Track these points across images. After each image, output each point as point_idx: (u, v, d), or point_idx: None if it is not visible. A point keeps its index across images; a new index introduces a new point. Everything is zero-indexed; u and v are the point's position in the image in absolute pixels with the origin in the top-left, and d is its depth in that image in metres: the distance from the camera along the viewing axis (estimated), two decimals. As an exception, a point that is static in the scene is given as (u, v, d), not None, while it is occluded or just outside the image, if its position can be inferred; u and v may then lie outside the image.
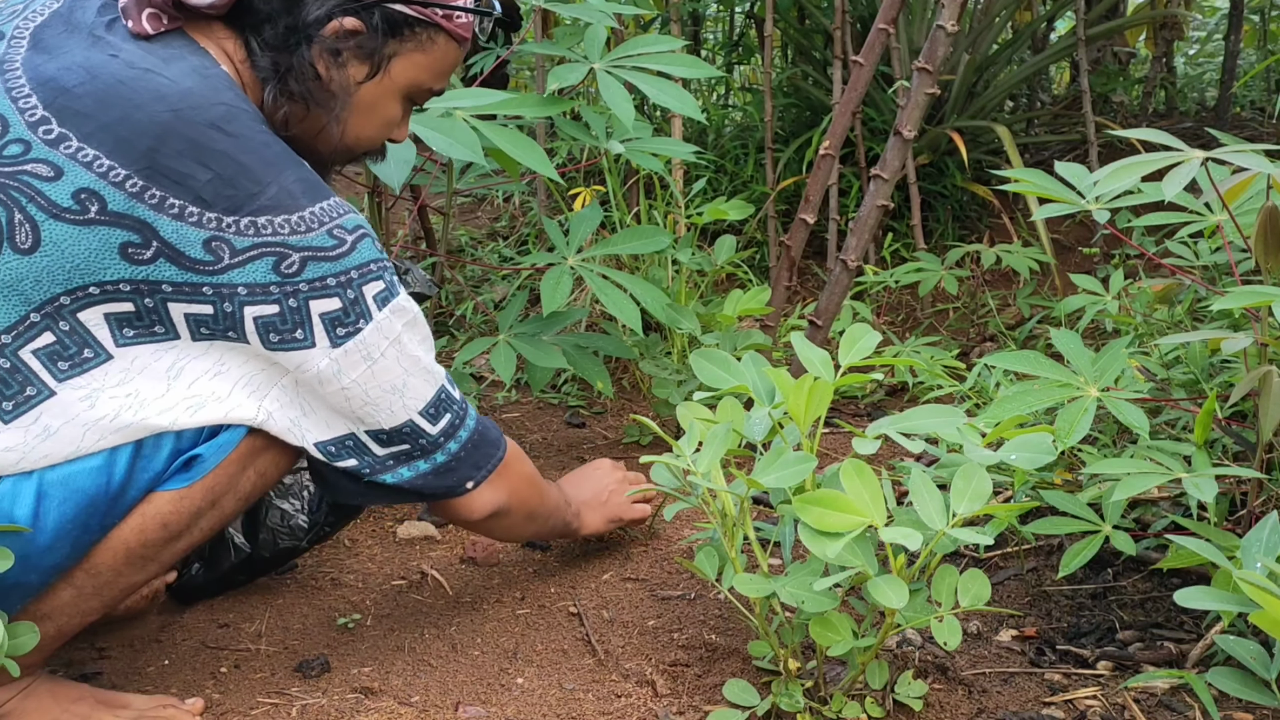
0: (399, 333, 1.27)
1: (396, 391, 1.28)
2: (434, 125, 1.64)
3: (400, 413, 1.29)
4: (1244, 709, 1.28)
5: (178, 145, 1.15)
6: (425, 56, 1.34)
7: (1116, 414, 1.39)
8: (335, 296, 1.21)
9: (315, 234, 1.20)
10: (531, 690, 1.40)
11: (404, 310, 1.27)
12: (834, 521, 1.15)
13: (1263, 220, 1.34)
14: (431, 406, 1.32)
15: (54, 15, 1.25)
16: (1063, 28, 4.22)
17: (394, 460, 1.32)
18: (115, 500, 1.20)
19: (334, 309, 1.21)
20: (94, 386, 1.17)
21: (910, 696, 1.32)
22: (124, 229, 1.14)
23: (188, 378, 1.21)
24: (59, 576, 1.21)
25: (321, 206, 1.21)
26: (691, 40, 3.68)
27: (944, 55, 2.07)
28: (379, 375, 1.26)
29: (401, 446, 1.31)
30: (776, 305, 2.38)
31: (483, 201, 3.69)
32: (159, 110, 1.16)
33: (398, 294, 1.27)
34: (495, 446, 1.41)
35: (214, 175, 1.16)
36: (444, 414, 1.34)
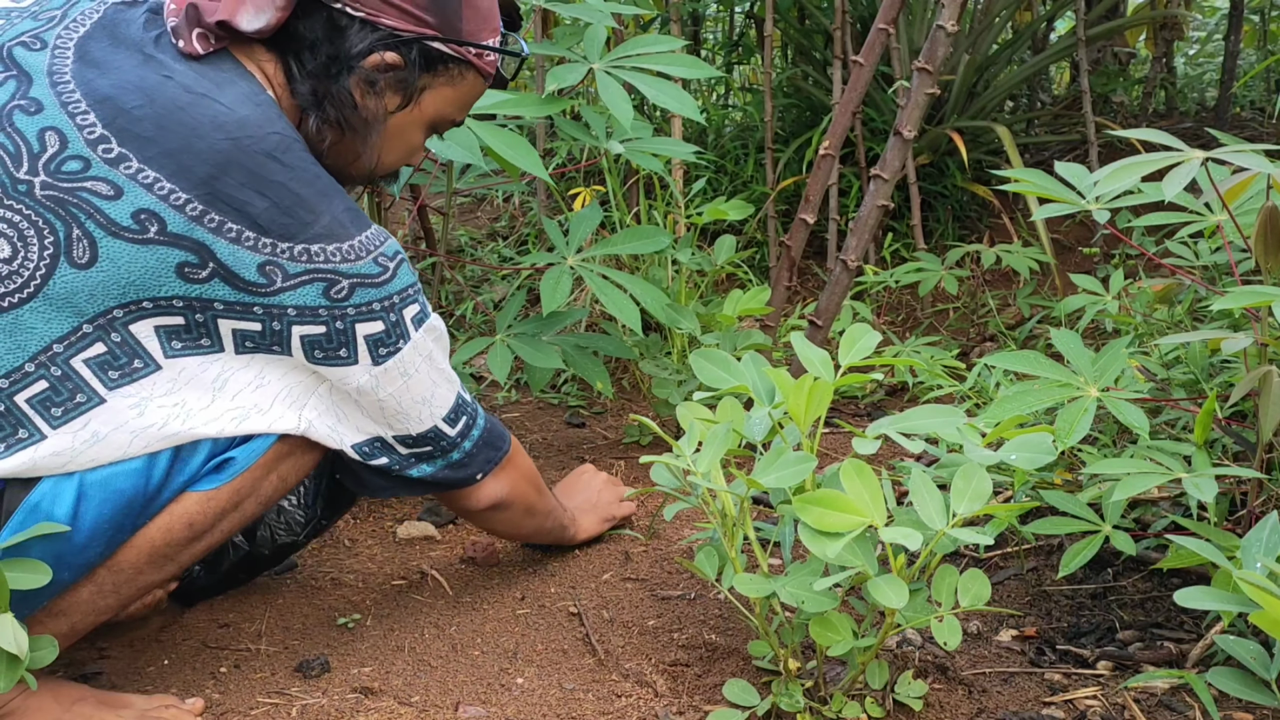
0: (431, 350, 1.36)
1: (426, 402, 1.37)
2: (433, 126, 1.64)
3: (427, 419, 1.38)
4: (1244, 709, 1.28)
5: (237, 175, 1.19)
6: (454, 91, 1.39)
7: (1116, 414, 1.39)
8: (379, 320, 1.29)
9: (363, 262, 1.26)
10: (531, 690, 1.40)
11: (435, 329, 1.36)
12: (834, 521, 1.15)
13: (1263, 220, 1.34)
14: (452, 412, 1.41)
15: (97, 26, 1.25)
16: (1063, 28, 4.22)
17: (416, 458, 1.41)
18: (150, 501, 1.24)
19: (378, 331, 1.29)
20: (143, 395, 1.21)
21: (910, 696, 1.32)
22: (182, 249, 1.18)
23: (232, 389, 1.26)
24: (88, 573, 1.24)
25: (367, 235, 1.28)
26: (691, 40, 3.68)
27: (944, 55, 2.07)
28: (412, 389, 1.35)
29: (424, 448, 1.41)
30: (776, 305, 2.38)
31: (483, 201, 3.69)
32: (218, 139, 1.19)
33: (430, 314, 1.35)
34: (502, 440, 1.50)
35: (271, 204, 1.20)
36: (461, 417, 1.43)
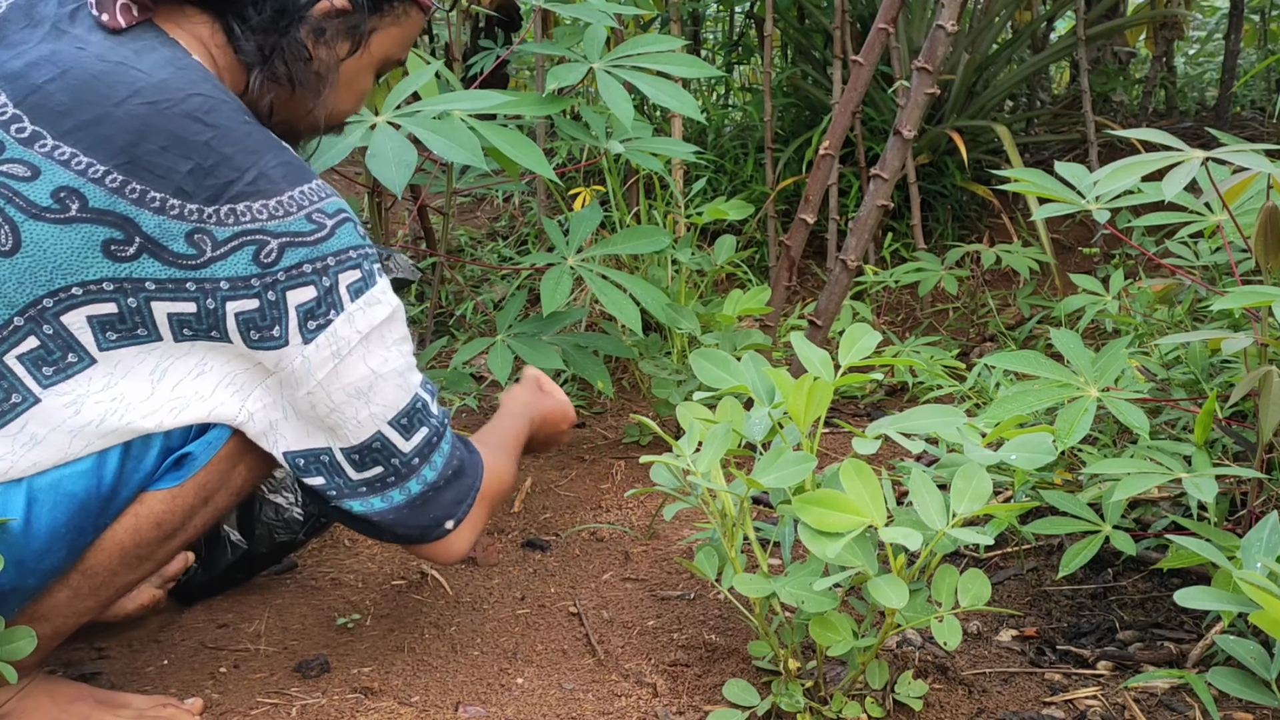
0: (371, 328, 1.21)
1: (362, 396, 1.21)
2: (433, 127, 1.64)
3: (367, 422, 1.22)
4: (1244, 709, 1.28)
5: (158, 140, 1.13)
6: (400, 30, 1.36)
7: (1116, 414, 1.39)
8: (311, 285, 1.17)
9: (294, 218, 1.16)
10: (531, 690, 1.39)
11: (380, 303, 1.21)
12: (834, 521, 1.14)
13: (1263, 220, 1.34)
14: (404, 417, 1.24)
15: (12, 8, 1.22)
16: (1063, 27, 4.22)
17: (366, 487, 1.25)
18: (107, 502, 1.19)
19: (309, 299, 1.17)
20: (79, 392, 1.15)
21: (910, 696, 1.32)
22: (106, 225, 1.12)
23: (171, 379, 1.19)
24: (57, 578, 1.21)
25: (302, 190, 1.18)
26: (691, 40, 3.68)
27: (944, 55, 2.07)
28: (343, 374, 1.20)
29: (375, 470, 1.25)
30: (776, 305, 2.38)
31: (482, 201, 3.69)
32: (136, 105, 1.14)
33: (375, 284, 1.21)
34: (475, 473, 1.34)
35: (194, 165, 1.14)
36: (418, 427, 1.26)
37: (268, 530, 1.59)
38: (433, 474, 1.28)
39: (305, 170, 1.21)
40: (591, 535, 1.85)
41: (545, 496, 2.01)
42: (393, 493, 1.26)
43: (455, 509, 1.31)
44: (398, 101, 1.69)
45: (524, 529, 1.88)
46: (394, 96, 1.69)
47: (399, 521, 1.27)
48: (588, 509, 1.96)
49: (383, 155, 1.58)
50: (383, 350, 1.22)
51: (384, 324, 1.21)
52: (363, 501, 1.25)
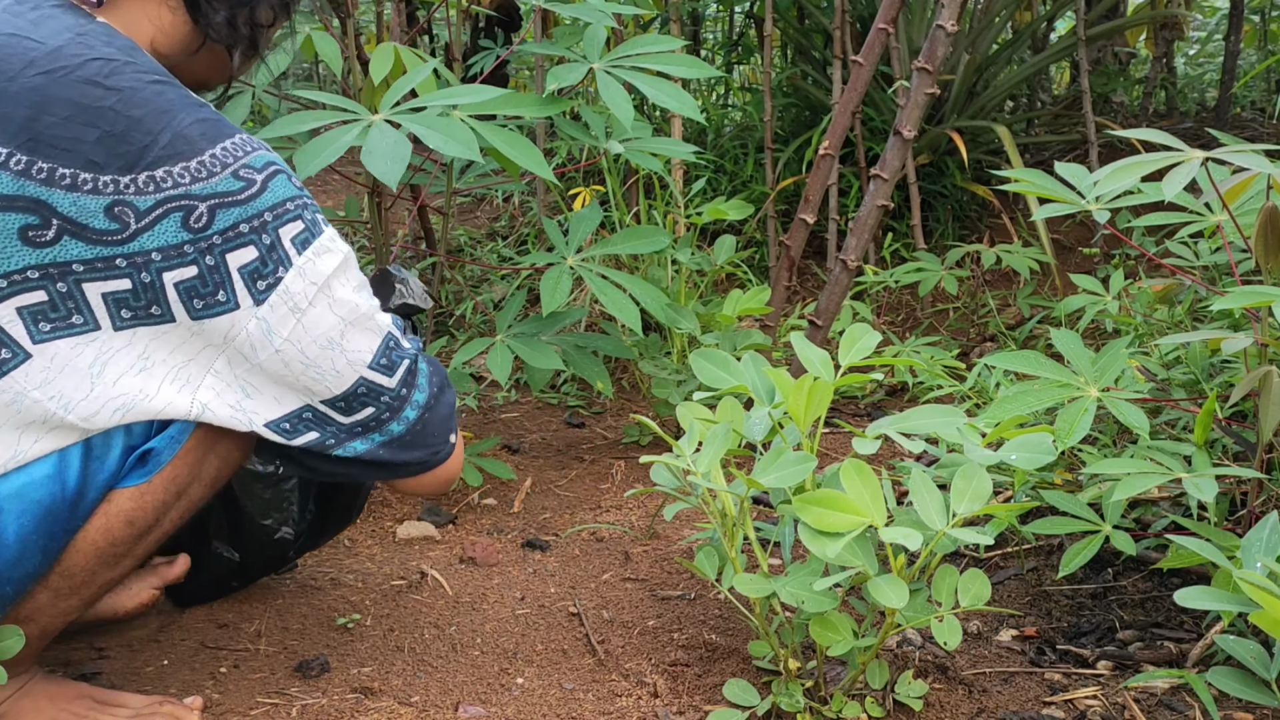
0: (327, 276, 1.16)
1: (334, 345, 1.17)
2: (429, 123, 1.64)
3: (347, 371, 1.19)
4: (1244, 709, 1.28)
5: (59, 110, 1.07)
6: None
7: (1116, 414, 1.39)
8: (251, 244, 1.11)
9: (220, 178, 1.11)
10: (531, 690, 1.39)
11: (330, 251, 1.16)
12: (834, 521, 1.14)
13: (1263, 220, 1.34)
14: (382, 356, 1.21)
15: None
16: (1063, 28, 4.22)
17: (361, 428, 1.22)
18: (74, 505, 1.16)
19: (251, 260, 1.12)
20: (16, 390, 1.10)
21: (910, 696, 1.32)
22: (18, 211, 1.07)
23: (111, 374, 1.13)
24: (35, 583, 1.18)
25: (223, 147, 1.12)
26: (691, 40, 3.68)
27: (944, 55, 2.07)
28: (310, 328, 1.15)
29: (366, 411, 1.21)
30: (776, 305, 2.38)
31: (482, 201, 3.69)
32: (31, 76, 1.08)
33: (321, 233, 1.16)
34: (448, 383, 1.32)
35: (102, 133, 1.07)
36: (398, 362, 1.23)
37: (259, 547, 1.57)
38: (423, 395, 1.25)
39: (225, 125, 1.14)
40: (591, 535, 1.85)
41: (545, 496, 2.01)
42: (390, 426, 1.23)
43: (450, 421, 1.30)
44: (395, 99, 1.68)
45: (524, 529, 1.88)
46: (391, 94, 1.69)
47: (405, 449, 1.25)
48: (588, 509, 1.96)
49: (378, 151, 1.58)
50: (345, 295, 1.17)
51: (339, 271, 1.17)
52: (364, 440, 1.23)
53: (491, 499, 2.00)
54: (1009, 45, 3.30)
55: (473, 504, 1.99)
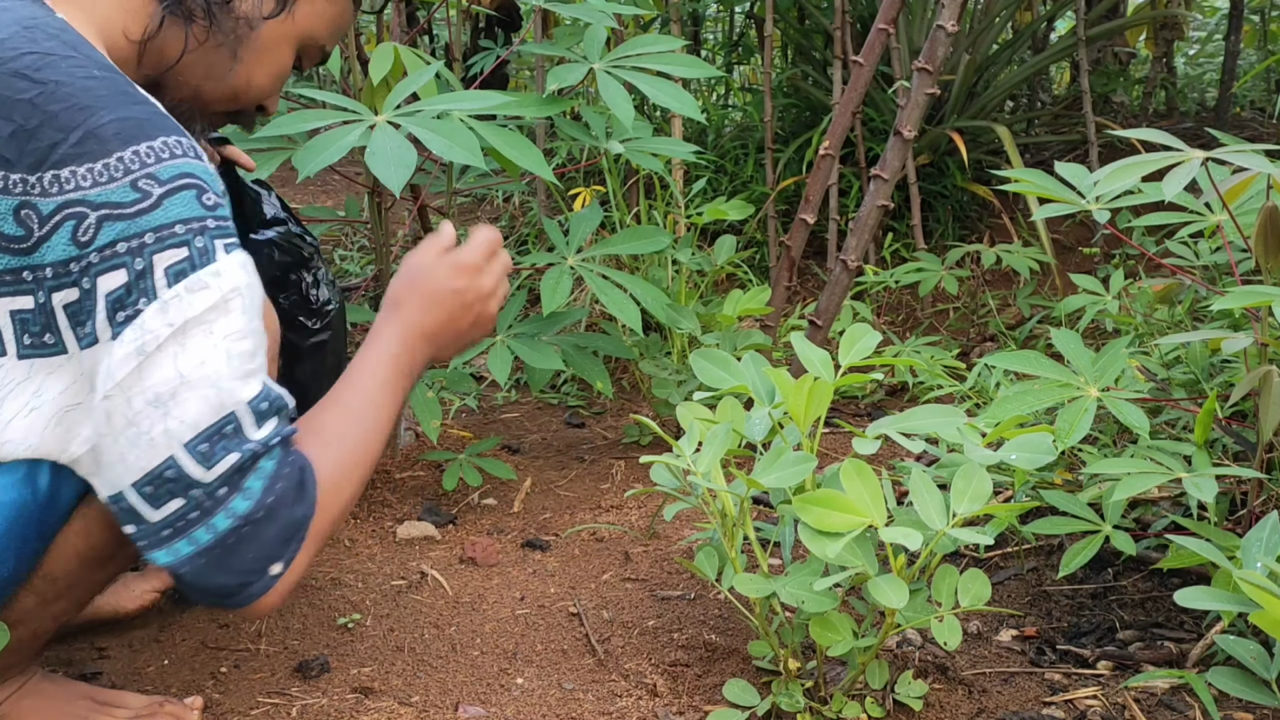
0: (189, 319, 0.99)
1: (161, 405, 0.98)
2: (432, 127, 1.64)
3: (161, 442, 0.98)
4: (1244, 709, 1.28)
5: None
6: (330, 6, 1.26)
7: (1116, 414, 1.39)
8: (122, 268, 0.97)
9: (117, 185, 0.97)
10: (531, 690, 1.39)
11: (206, 288, 0.99)
12: (834, 521, 1.14)
13: (1263, 220, 1.34)
14: (204, 440, 0.99)
15: None
16: (1063, 28, 4.22)
17: (169, 529, 1.00)
18: (46, 508, 1.08)
19: (118, 286, 0.97)
20: None
21: (910, 696, 1.32)
22: None
23: (6, 412, 1.01)
24: (18, 586, 1.13)
25: (135, 151, 0.99)
26: (691, 40, 3.68)
27: (944, 55, 2.07)
28: (147, 375, 0.98)
29: (172, 505, 0.99)
30: (776, 305, 2.38)
31: (483, 201, 3.69)
32: None
33: (207, 265, 0.99)
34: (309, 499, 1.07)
35: (17, 128, 0.98)
36: (223, 454, 1.00)
37: None
38: (246, 504, 1.01)
39: (152, 127, 1.01)
40: (591, 535, 1.85)
41: (545, 496, 2.01)
42: (197, 533, 1.00)
43: (280, 549, 1.04)
44: (397, 101, 1.69)
45: (524, 529, 1.88)
46: (394, 96, 1.69)
47: (209, 569, 1.01)
48: (588, 509, 1.96)
49: (382, 154, 1.58)
50: (202, 348, 0.99)
51: (209, 314, 0.99)
52: (168, 549, 1.00)
53: (491, 499, 2.00)
54: (1009, 45, 3.30)
55: (473, 504, 1.99)
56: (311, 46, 1.27)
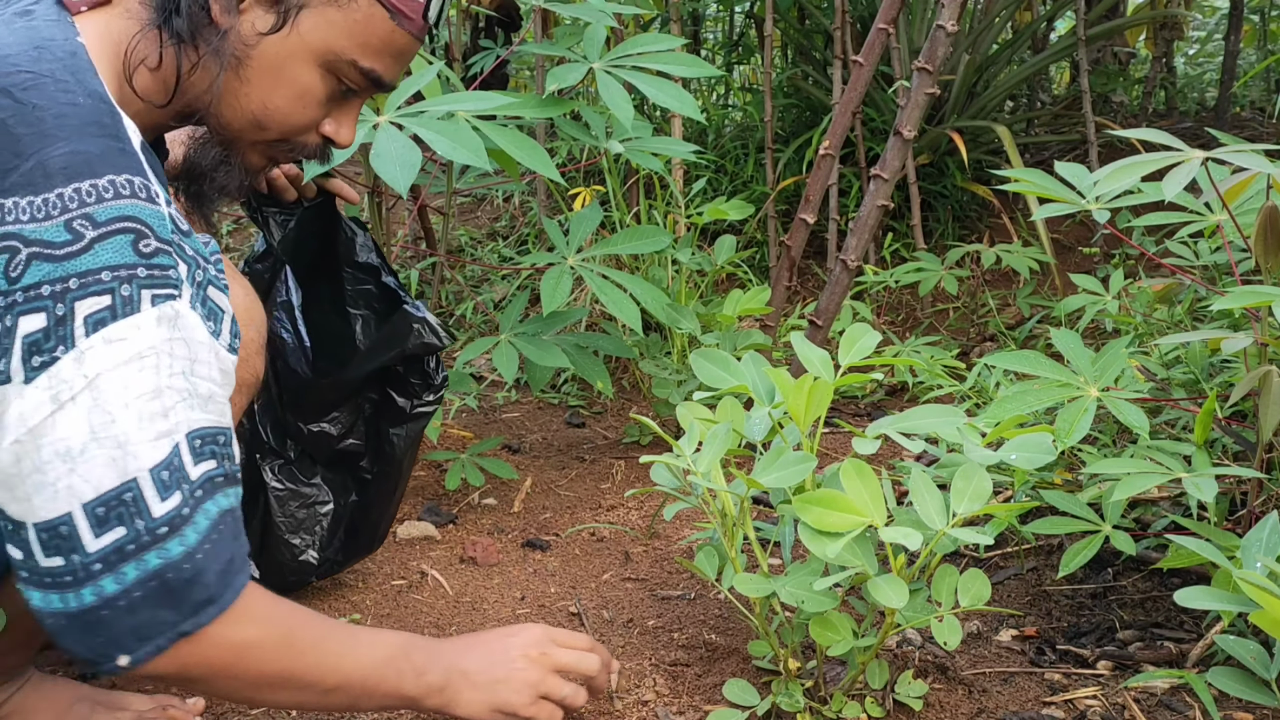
0: (104, 372, 0.95)
1: (69, 459, 0.94)
2: (436, 127, 1.64)
3: (64, 495, 0.95)
4: (1244, 709, 1.28)
5: None
6: (341, 15, 1.15)
7: (1116, 414, 1.39)
8: (43, 311, 0.94)
9: (53, 223, 0.95)
10: (531, 690, 1.39)
11: (124, 340, 0.96)
12: (834, 521, 1.14)
13: (1263, 220, 1.34)
14: (101, 505, 0.95)
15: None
16: (1063, 28, 4.22)
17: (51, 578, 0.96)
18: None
19: (36, 329, 0.94)
20: None
21: (910, 696, 1.32)
22: None
23: None
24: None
25: (77, 188, 0.96)
26: (691, 40, 3.68)
27: (944, 55, 2.07)
28: (59, 427, 0.94)
29: (55, 561, 0.96)
30: (776, 305, 2.38)
31: (483, 201, 3.69)
32: None
33: (127, 318, 0.96)
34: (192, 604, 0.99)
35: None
36: (114, 525, 0.96)
37: (280, 570, 1.57)
38: (114, 587, 0.96)
39: (103, 164, 0.98)
40: (591, 535, 1.85)
41: (545, 496, 2.01)
42: (69, 594, 0.96)
43: (135, 644, 0.97)
44: (399, 101, 1.69)
45: (524, 529, 1.88)
46: (396, 97, 1.70)
47: (67, 631, 0.97)
48: (588, 509, 1.96)
49: (387, 155, 1.58)
50: (114, 405, 0.96)
51: (126, 367, 0.96)
52: (42, 595, 0.97)
53: (492, 499, 2.00)
54: (1009, 45, 3.30)
55: (473, 504, 1.99)
56: (342, 64, 1.18)
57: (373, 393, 1.61)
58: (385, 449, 1.59)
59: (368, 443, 1.61)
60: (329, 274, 1.61)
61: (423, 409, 1.60)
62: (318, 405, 1.53)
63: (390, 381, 1.59)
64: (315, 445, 1.57)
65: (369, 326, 1.64)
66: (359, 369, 1.56)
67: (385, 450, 1.59)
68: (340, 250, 1.63)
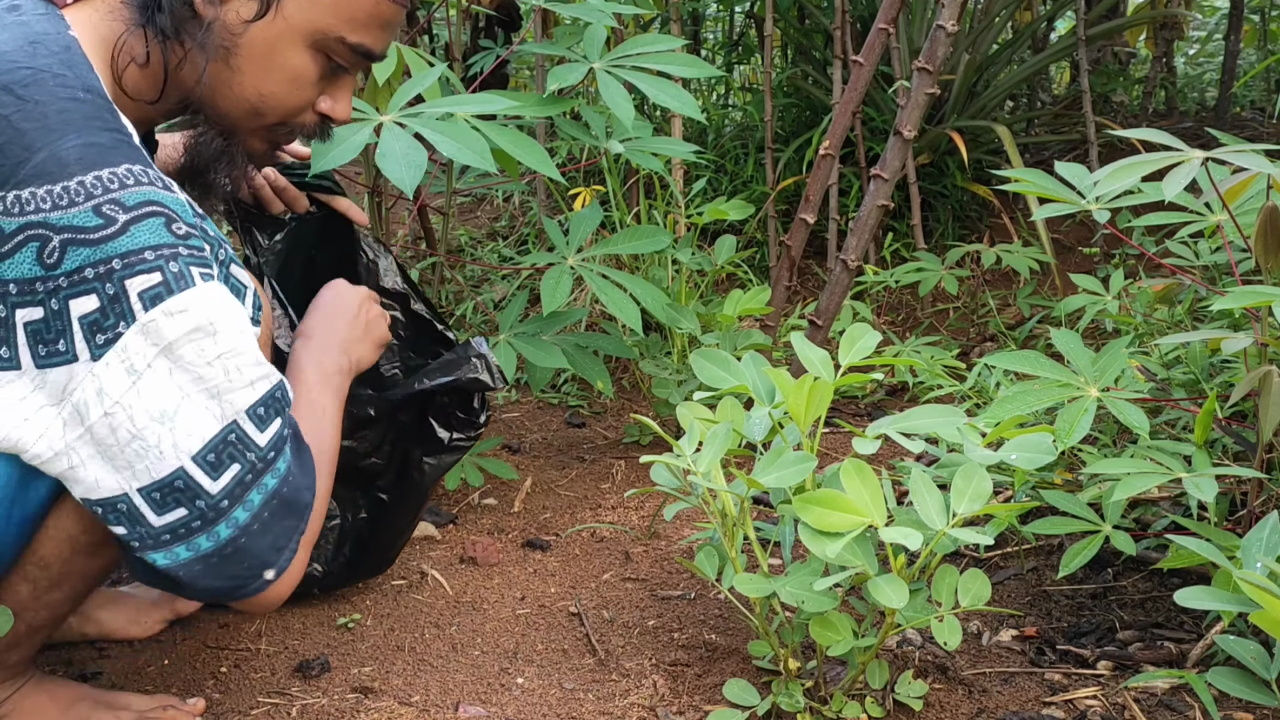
0: (170, 340, 1.02)
1: (166, 420, 1.02)
2: (439, 128, 1.64)
3: (170, 454, 1.03)
4: (1244, 709, 1.28)
5: None
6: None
7: (1116, 414, 1.39)
8: (93, 293, 0.99)
9: (79, 209, 0.99)
10: (531, 690, 1.40)
11: (185, 311, 1.02)
12: (834, 521, 1.15)
13: (1263, 220, 1.34)
14: (211, 451, 1.05)
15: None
16: (1063, 28, 4.22)
17: (170, 534, 1.05)
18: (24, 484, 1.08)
19: (92, 310, 1.00)
20: None
21: (910, 696, 1.32)
22: None
23: None
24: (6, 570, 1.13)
25: (98, 175, 1.00)
26: (691, 40, 3.68)
27: (944, 55, 2.07)
28: (145, 394, 1.01)
29: (178, 512, 1.04)
30: (776, 305, 2.38)
31: (483, 201, 3.69)
32: None
33: (183, 290, 1.02)
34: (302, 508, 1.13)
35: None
36: (229, 464, 1.06)
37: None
38: (246, 514, 1.07)
39: (117, 155, 1.03)
40: (591, 535, 1.85)
41: (545, 496, 2.01)
42: (199, 539, 1.06)
43: (275, 555, 1.10)
44: (402, 103, 1.69)
45: (524, 529, 1.88)
46: (398, 98, 1.70)
47: (206, 573, 1.07)
48: (588, 509, 1.96)
49: (393, 155, 1.58)
50: (193, 365, 1.03)
51: (191, 336, 1.03)
52: (166, 552, 1.05)
53: (492, 499, 2.00)
54: (1009, 45, 3.30)
55: (473, 504, 1.99)
56: (331, 42, 1.19)
57: (407, 417, 1.59)
58: (412, 475, 1.58)
59: (390, 464, 1.59)
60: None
61: (460, 443, 1.59)
62: (352, 419, 1.50)
63: (433, 409, 1.58)
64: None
65: (393, 353, 1.62)
66: (405, 389, 1.55)
67: (412, 476, 1.58)
68: (361, 274, 1.61)
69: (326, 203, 1.60)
